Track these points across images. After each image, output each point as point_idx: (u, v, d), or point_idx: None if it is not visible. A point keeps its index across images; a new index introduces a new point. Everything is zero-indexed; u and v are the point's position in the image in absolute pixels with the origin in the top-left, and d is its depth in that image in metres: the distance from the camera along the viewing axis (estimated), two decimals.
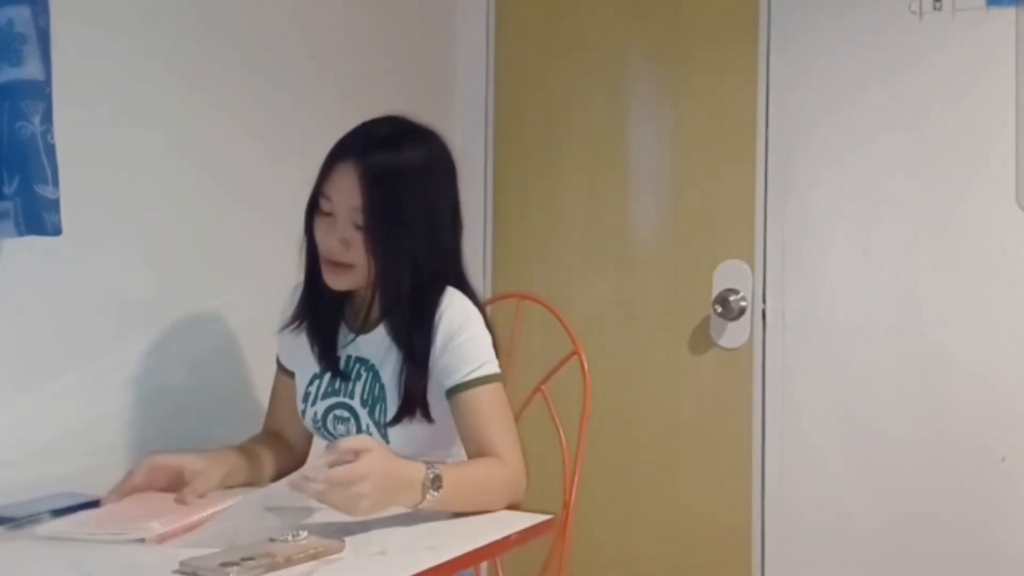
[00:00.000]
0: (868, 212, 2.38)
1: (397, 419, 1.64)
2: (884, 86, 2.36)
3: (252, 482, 1.69)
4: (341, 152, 1.62)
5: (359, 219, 1.59)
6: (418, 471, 1.44)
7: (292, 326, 1.74)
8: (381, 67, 2.55)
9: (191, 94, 2.01)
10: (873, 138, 2.37)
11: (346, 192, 1.59)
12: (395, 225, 1.58)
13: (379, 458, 1.38)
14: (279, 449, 1.79)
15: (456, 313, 1.63)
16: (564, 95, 2.74)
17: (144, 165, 1.91)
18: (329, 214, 1.62)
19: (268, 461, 1.75)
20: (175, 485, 1.56)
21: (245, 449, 1.73)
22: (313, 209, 1.65)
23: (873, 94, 2.37)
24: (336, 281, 1.64)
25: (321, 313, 1.73)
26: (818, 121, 2.43)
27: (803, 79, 2.44)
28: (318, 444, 1.79)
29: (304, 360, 1.76)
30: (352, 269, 1.62)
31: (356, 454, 1.36)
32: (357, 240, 1.60)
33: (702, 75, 2.56)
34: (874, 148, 2.37)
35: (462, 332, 1.62)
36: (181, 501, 1.51)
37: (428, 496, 1.43)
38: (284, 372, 1.83)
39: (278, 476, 1.72)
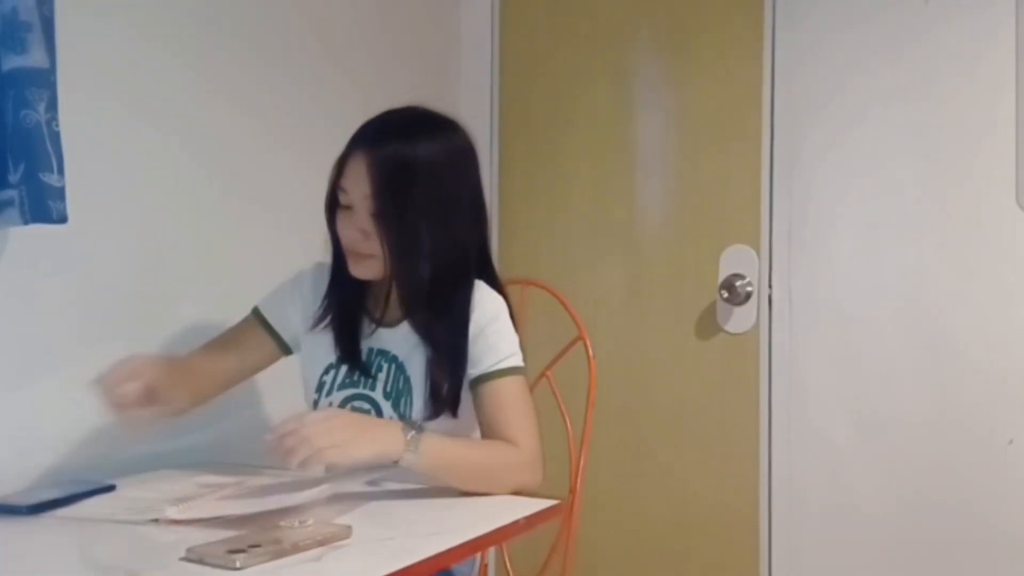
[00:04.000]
0: (874, 196, 2.38)
1: (433, 416, 1.63)
2: (890, 69, 2.35)
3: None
4: (354, 143, 1.62)
5: (372, 207, 1.59)
6: (394, 424, 1.51)
7: (323, 324, 1.73)
8: (386, 54, 2.55)
9: (196, 83, 2.01)
10: (879, 122, 2.36)
11: (359, 182, 1.59)
12: (406, 213, 1.57)
13: (332, 412, 1.50)
14: (213, 369, 1.76)
15: (488, 307, 1.66)
16: (569, 81, 2.73)
17: (149, 154, 1.91)
18: (348, 207, 1.62)
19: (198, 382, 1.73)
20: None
21: (193, 365, 1.72)
22: (333, 203, 1.65)
23: (879, 78, 2.36)
24: (359, 270, 1.65)
25: (345, 305, 1.73)
26: (823, 105, 2.42)
27: (808, 63, 2.43)
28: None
29: (318, 349, 1.75)
30: (373, 258, 1.62)
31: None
32: (373, 229, 1.60)
33: (707, 59, 2.56)
34: (880, 132, 2.36)
35: (492, 324, 1.64)
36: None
37: (410, 438, 1.46)
38: (264, 327, 1.78)
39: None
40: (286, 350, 1.80)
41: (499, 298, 1.68)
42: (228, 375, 1.78)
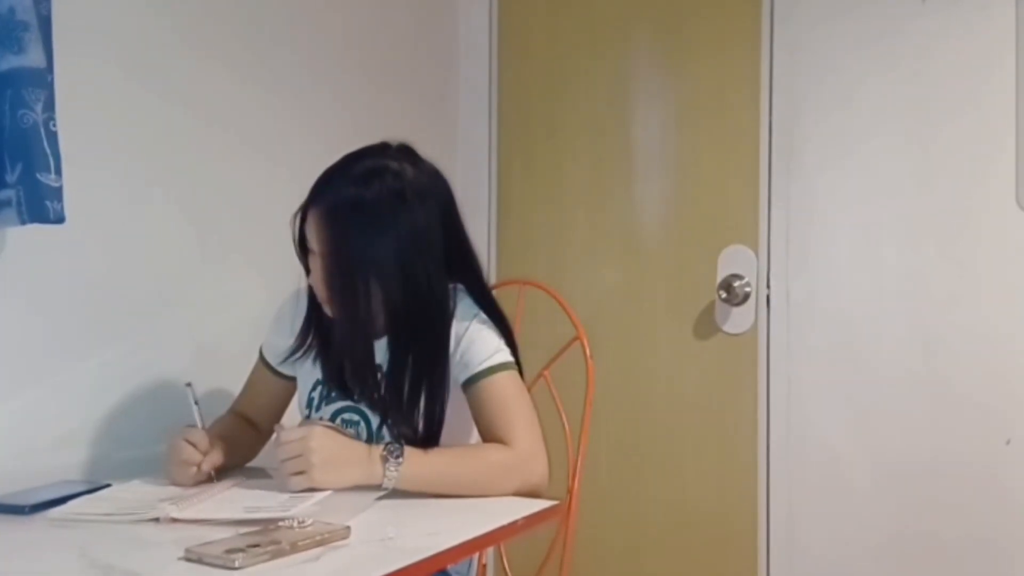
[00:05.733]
0: (872, 196, 2.38)
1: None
2: (887, 70, 2.35)
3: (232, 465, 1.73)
4: (312, 196, 1.62)
5: (322, 266, 1.61)
6: (375, 448, 1.52)
7: (298, 353, 1.74)
8: (385, 58, 2.55)
9: (194, 83, 2.00)
10: (876, 122, 2.36)
11: (313, 237, 1.61)
12: (350, 272, 1.59)
13: (323, 431, 1.52)
14: (252, 434, 1.82)
15: (461, 317, 1.66)
16: (567, 82, 2.73)
17: (147, 154, 1.91)
18: (312, 250, 1.63)
19: (243, 449, 1.79)
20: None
21: (226, 437, 1.72)
22: (304, 240, 1.65)
23: (877, 79, 2.36)
24: (328, 310, 1.66)
25: (324, 329, 1.72)
26: (822, 106, 2.42)
27: (807, 64, 2.43)
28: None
29: (306, 367, 1.76)
30: None
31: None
32: None
33: (705, 60, 2.55)
34: (877, 132, 2.36)
35: (468, 330, 1.64)
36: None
37: (389, 468, 1.49)
38: (271, 372, 1.82)
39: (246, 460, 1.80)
40: None
41: (471, 307, 1.67)
42: (268, 425, 1.81)
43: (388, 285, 1.61)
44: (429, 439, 1.61)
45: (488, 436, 1.61)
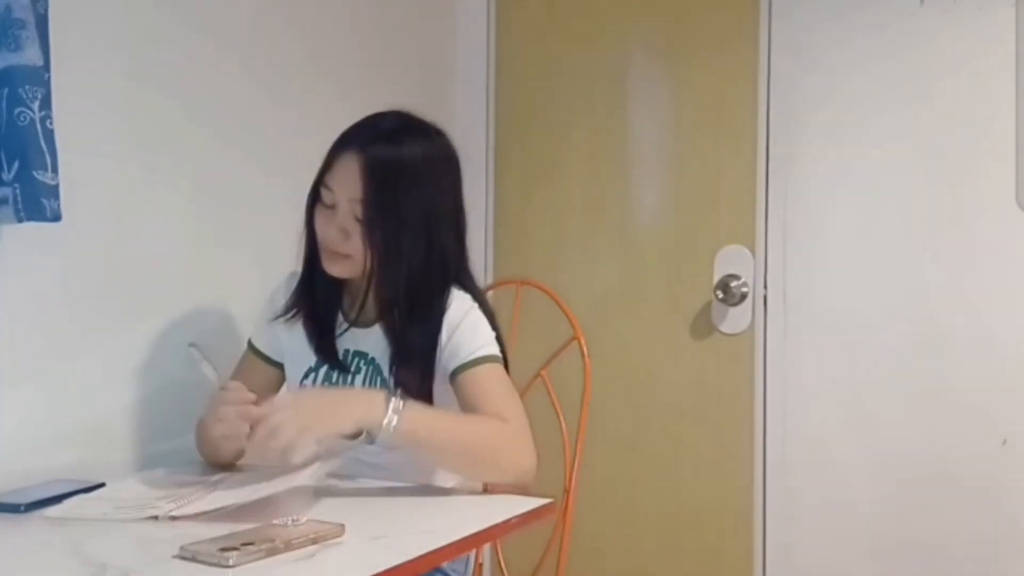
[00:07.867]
0: (869, 196, 2.38)
1: None
2: (885, 70, 2.35)
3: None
4: (345, 143, 1.63)
5: (359, 211, 1.59)
6: (374, 390, 1.51)
7: (287, 316, 1.74)
8: (382, 58, 2.55)
9: (190, 81, 2.00)
10: (874, 122, 2.36)
11: (348, 183, 1.60)
12: (393, 219, 1.59)
13: (284, 400, 1.51)
14: None
15: (458, 308, 1.66)
16: (564, 81, 2.73)
17: (143, 152, 1.91)
18: (330, 205, 1.62)
19: None
20: None
21: None
22: (315, 199, 1.65)
23: (874, 78, 2.36)
24: (334, 268, 1.66)
25: (318, 303, 1.73)
26: (819, 106, 2.42)
27: (804, 64, 2.43)
28: None
29: (297, 354, 1.76)
30: (349, 258, 1.63)
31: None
32: (356, 231, 1.61)
33: (702, 60, 2.55)
34: (875, 132, 2.37)
35: (464, 319, 1.64)
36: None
37: (391, 403, 1.44)
38: (262, 359, 1.81)
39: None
40: None
41: (468, 298, 1.67)
42: None
43: (419, 240, 1.61)
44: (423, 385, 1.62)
45: None
